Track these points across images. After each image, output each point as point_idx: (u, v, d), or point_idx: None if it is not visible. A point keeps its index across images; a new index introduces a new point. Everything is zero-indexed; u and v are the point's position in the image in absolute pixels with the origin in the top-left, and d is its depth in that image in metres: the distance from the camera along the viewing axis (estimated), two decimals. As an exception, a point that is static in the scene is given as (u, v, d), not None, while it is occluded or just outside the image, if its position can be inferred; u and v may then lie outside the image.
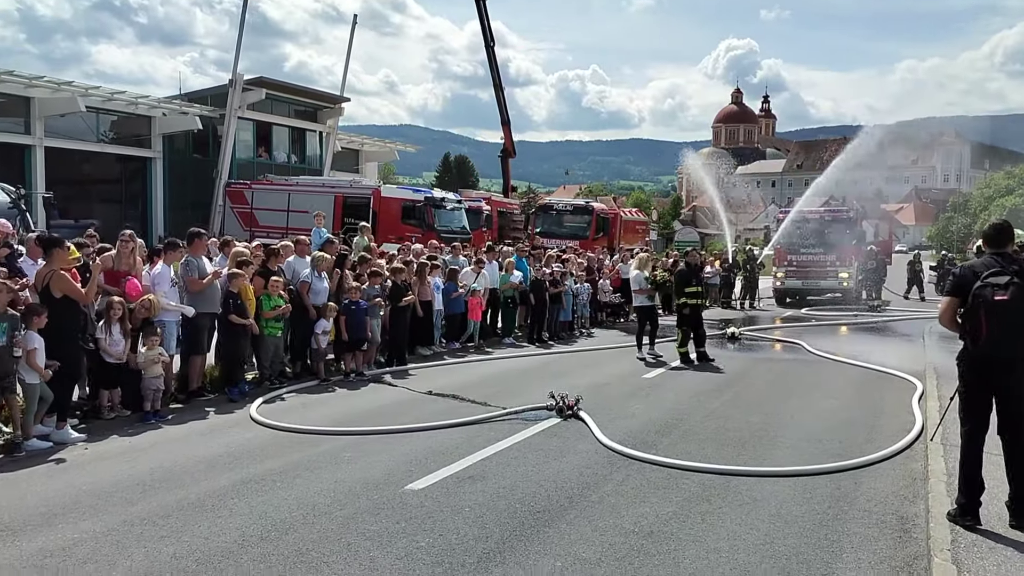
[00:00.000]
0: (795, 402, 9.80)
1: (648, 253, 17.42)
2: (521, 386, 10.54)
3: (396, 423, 8.22)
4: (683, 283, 13.46)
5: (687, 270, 13.74)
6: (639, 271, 13.72)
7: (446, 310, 13.93)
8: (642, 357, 13.26)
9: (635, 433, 7.98)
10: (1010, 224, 5.71)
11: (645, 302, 13.75)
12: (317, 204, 24.64)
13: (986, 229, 5.67)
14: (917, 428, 8.10)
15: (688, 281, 13.35)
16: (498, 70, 37.16)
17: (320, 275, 10.80)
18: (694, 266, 13.71)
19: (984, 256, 5.47)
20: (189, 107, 28.66)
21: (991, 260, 5.29)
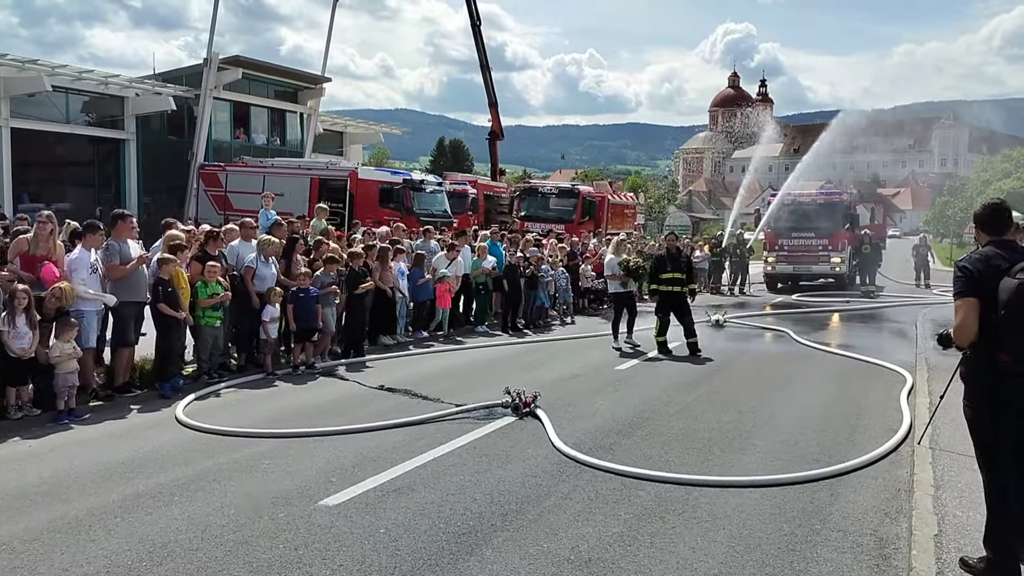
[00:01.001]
0: (774, 397, 9.08)
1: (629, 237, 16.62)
2: (484, 379, 9.81)
3: (337, 422, 7.51)
4: (659, 269, 12.75)
5: (664, 255, 13.02)
6: (613, 255, 12.97)
7: (413, 297, 13.20)
8: (618, 347, 12.53)
9: (594, 434, 7.26)
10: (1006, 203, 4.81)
11: (619, 288, 13.00)
12: (293, 187, 23.89)
13: (980, 211, 4.58)
14: (904, 428, 7.39)
15: (663, 267, 12.63)
16: (485, 50, 36.25)
17: (267, 260, 10.03)
18: (672, 251, 12.93)
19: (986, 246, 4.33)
20: (163, 87, 27.77)
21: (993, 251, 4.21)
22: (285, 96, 32.13)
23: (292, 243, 10.48)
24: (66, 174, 28.71)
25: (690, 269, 12.93)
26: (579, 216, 27.31)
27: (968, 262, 4.26)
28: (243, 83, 29.59)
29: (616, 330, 12.82)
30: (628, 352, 12.23)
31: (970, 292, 4.14)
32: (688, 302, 12.62)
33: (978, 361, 4.20)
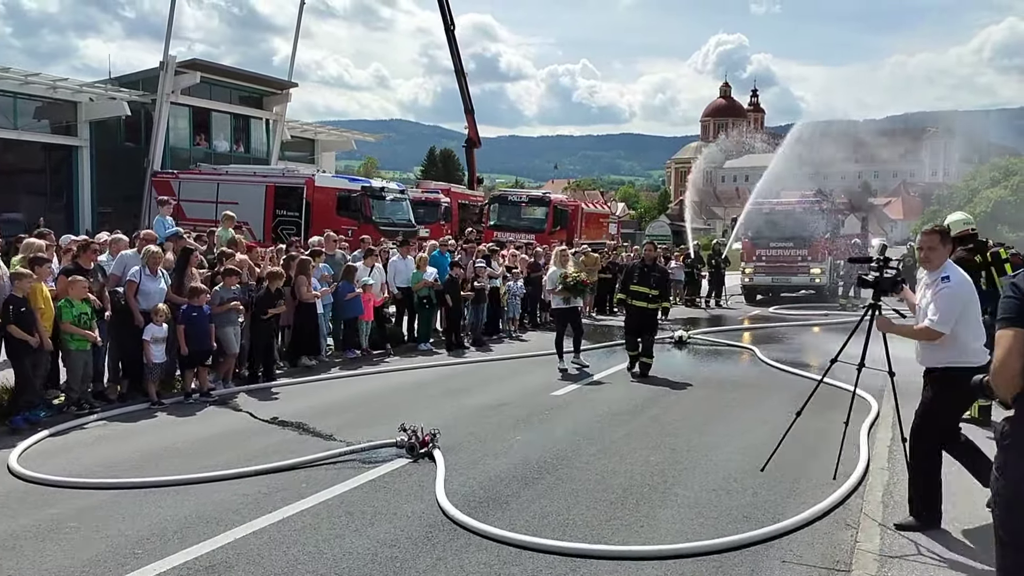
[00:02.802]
0: (719, 429, 7.98)
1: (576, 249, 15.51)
2: (398, 409, 8.69)
3: (201, 464, 6.42)
4: (628, 278, 11.66)
5: (638, 264, 11.91)
6: (556, 268, 11.87)
7: (342, 313, 12.10)
8: (563, 367, 11.43)
9: (495, 481, 6.16)
10: None
11: (561, 304, 11.88)
12: (247, 195, 22.85)
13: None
14: (857, 473, 6.30)
15: (631, 278, 11.54)
16: (459, 55, 35.33)
17: (156, 274, 8.92)
18: (647, 262, 11.71)
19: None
20: (117, 92, 26.64)
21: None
22: (249, 102, 31.02)
23: (186, 255, 9.36)
24: (17, 182, 27.52)
25: (664, 284, 11.70)
26: (550, 225, 26.30)
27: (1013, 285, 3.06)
28: (204, 88, 28.49)
29: (560, 349, 11.72)
30: (574, 373, 11.14)
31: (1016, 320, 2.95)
32: (656, 320, 11.51)
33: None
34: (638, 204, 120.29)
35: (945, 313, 4.86)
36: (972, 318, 4.98)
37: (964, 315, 4.92)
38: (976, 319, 5.02)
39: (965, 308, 4.93)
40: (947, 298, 4.88)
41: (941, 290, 4.91)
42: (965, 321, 4.92)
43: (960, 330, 4.89)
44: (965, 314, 4.93)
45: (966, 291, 4.96)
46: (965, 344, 4.91)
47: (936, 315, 4.89)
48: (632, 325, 11.33)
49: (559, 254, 12.15)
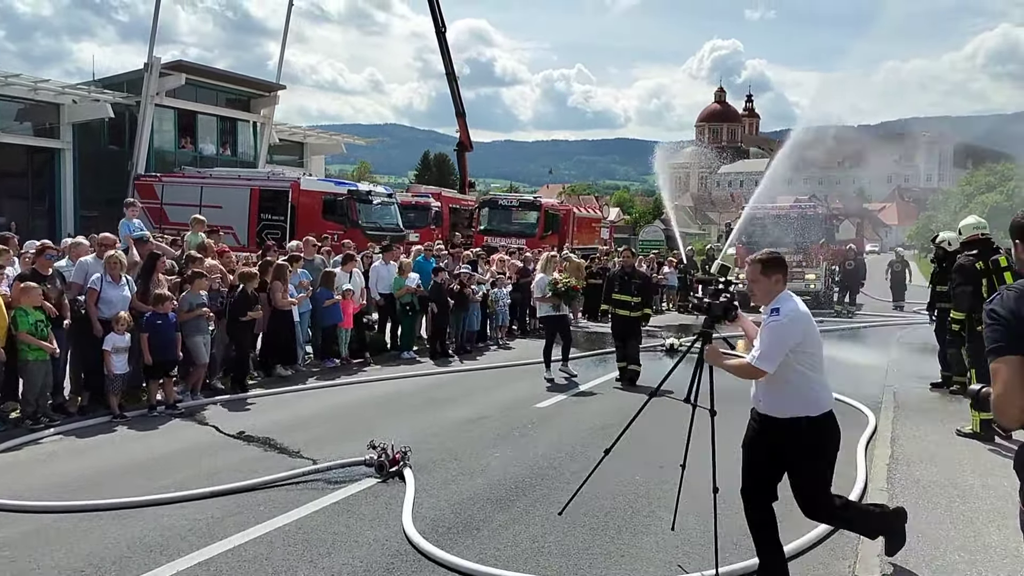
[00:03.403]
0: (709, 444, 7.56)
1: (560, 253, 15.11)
2: (373, 423, 8.30)
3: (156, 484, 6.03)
4: (610, 287, 11.39)
5: (619, 272, 11.61)
6: (543, 274, 11.49)
7: (320, 320, 11.69)
8: (550, 377, 11.04)
9: (467, 503, 5.75)
10: None
11: (550, 311, 11.51)
12: (232, 198, 22.46)
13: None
14: (854, 494, 5.90)
15: (612, 286, 11.28)
16: (450, 58, 34.97)
17: (118, 281, 8.49)
18: (627, 270, 11.48)
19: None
20: (100, 93, 26.19)
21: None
22: (236, 104, 30.58)
23: (152, 260, 8.94)
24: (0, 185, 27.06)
25: (646, 291, 11.42)
26: (541, 230, 25.90)
27: (1001, 303, 2.79)
28: (189, 90, 28.05)
29: (548, 357, 11.33)
30: (562, 383, 10.75)
31: (1011, 347, 2.67)
32: (640, 327, 11.26)
33: None
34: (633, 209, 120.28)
35: (768, 349, 4.14)
36: (813, 360, 4.25)
37: (801, 356, 4.17)
38: (820, 360, 4.31)
39: (801, 348, 4.18)
40: (773, 333, 4.17)
41: (768, 323, 4.23)
42: (803, 362, 4.18)
43: (794, 375, 4.18)
44: (802, 355, 4.18)
45: (798, 328, 4.17)
46: (805, 391, 4.22)
47: (758, 351, 4.21)
48: (617, 333, 11.13)
49: (546, 260, 11.77)
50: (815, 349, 4.27)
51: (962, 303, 7.77)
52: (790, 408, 4.24)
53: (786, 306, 4.23)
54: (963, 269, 7.84)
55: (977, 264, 7.72)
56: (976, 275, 7.69)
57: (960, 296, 7.79)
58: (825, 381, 4.31)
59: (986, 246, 7.95)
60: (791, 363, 4.15)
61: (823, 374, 4.30)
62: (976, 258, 7.78)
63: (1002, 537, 4.90)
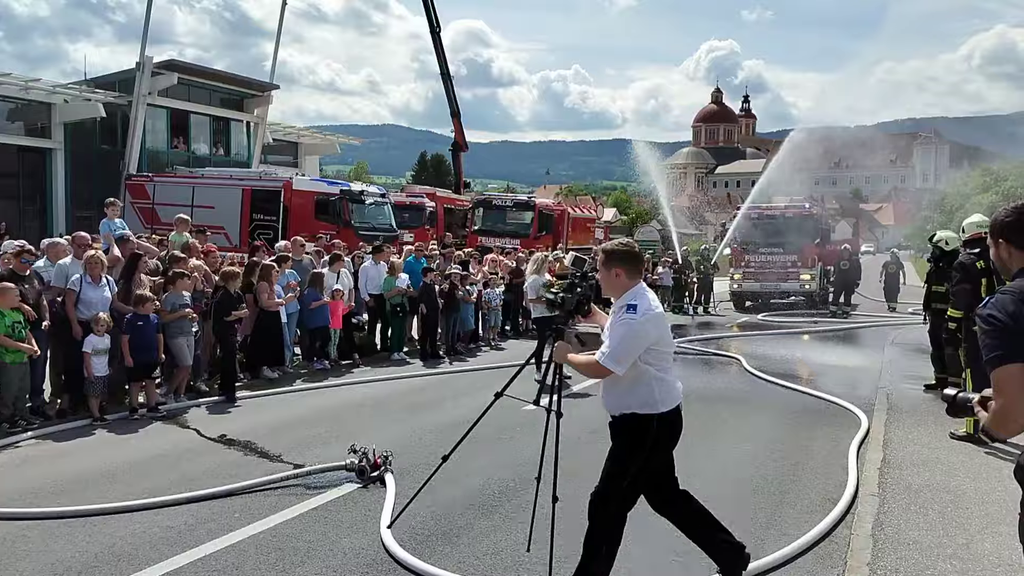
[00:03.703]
0: (697, 450, 7.41)
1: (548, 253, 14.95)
2: (358, 426, 8.18)
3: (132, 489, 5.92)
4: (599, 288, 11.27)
5: None
6: (536, 276, 11.35)
7: (308, 322, 11.55)
8: (539, 379, 10.86)
9: (448, 509, 5.62)
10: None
11: (545, 312, 11.36)
12: (223, 198, 22.29)
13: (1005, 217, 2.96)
14: (845, 499, 5.77)
15: (600, 287, 11.18)
16: (445, 58, 34.86)
17: (98, 281, 8.34)
18: None
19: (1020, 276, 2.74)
20: (92, 93, 26.02)
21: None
22: (229, 104, 30.42)
23: (133, 261, 8.79)
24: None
25: None
26: (535, 230, 25.78)
27: (998, 307, 2.60)
28: (182, 89, 27.90)
29: (539, 359, 11.17)
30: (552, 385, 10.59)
31: (1013, 355, 2.50)
32: None
33: None
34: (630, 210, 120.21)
35: (617, 348, 3.90)
36: (662, 358, 4.04)
37: (653, 355, 3.96)
38: (670, 358, 4.11)
39: (655, 347, 3.97)
40: (624, 329, 3.90)
41: (620, 320, 3.94)
42: (652, 360, 3.97)
43: (640, 372, 3.95)
44: (654, 354, 3.97)
45: (653, 328, 3.93)
46: (648, 388, 3.99)
47: (607, 348, 3.94)
48: None
49: (538, 261, 11.63)
50: (667, 348, 4.10)
51: (960, 301, 7.61)
52: (628, 404, 4.05)
53: (643, 303, 3.95)
54: (964, 267, 7.67)
55: (978, 263, 7.55)
56: (977, 274, 7.53)
57: (959, 294, 7.63)
58: (672, 379, 4.11)
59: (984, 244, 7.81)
60: (638, 361, 3.93)
61: (671, 373, 4.12)
62: (978, 256, 7.61)
63: (995, 545, 4.77)
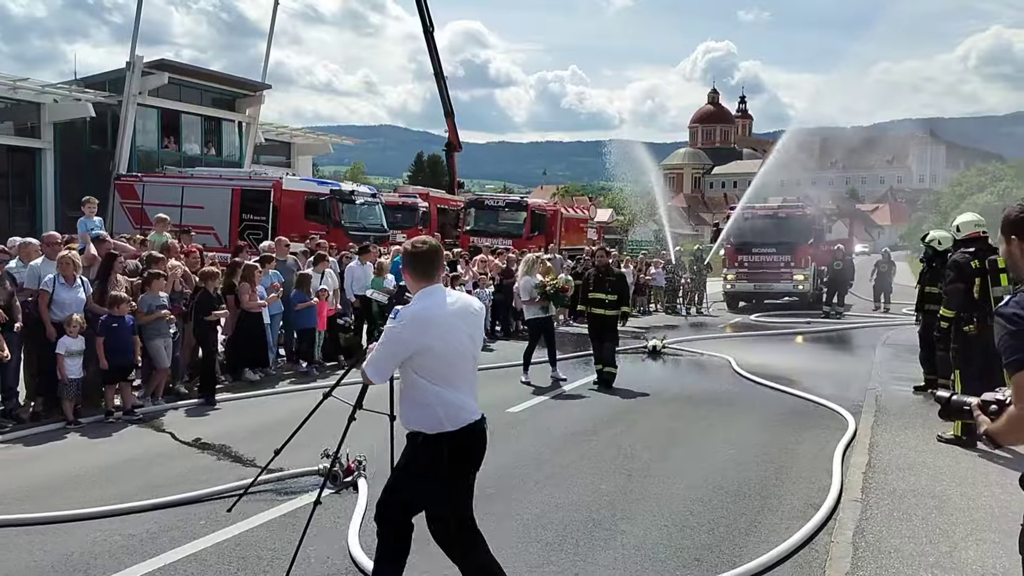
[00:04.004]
0: (681, 452, 7.32)
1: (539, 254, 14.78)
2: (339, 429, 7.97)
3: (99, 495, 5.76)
4: (584, 287, 11.17)
5: (593, 272, 11.40)
6: (528, 277, 11.22)
7: (295, 324, 11.40)
8: (527, 380, 10.77)
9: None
10: None
11: (538, 313, 11.25)
12: (213, 198, 22.14)
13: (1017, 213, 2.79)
14: (827, 504, 5.63)
15: (588, 286, 11.08)
16: (439, 58, 34.71)
17: (72, 282, 8.19)
18: (601, 268, 11.28)
19: None
20: (82, 92, 25.84)
21: None
22: (221, 104, 30.25)
23: (109, 261, 8.64)
24: (-22, 186, 26.71)
25: (621, 289, 11.22)
26: (528, 230, 25.64)
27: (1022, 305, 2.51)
28: (173, 89, 27.72)
29: (528, 361, 11.05)
30: (539, 386, 10.48)
31: None
32: (617, 327, 11.06)
33: None
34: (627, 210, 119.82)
35: (375, 355, 3.63)
36: (435, 371, 3.56)
37: (423, 366, 3.54)
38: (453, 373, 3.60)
39: (421, 356, 3.53)
40: (383, 336, 3.61)
41: (386, 328, 3.64)
42: (425, 372, 3.54)
43: (415, 386, 3.57)
44: (424, 365, 3.54)
45: (408, 335, 3.52)
46: (424, 405, 3.57)
47: (370, 355, 3.69)
48: (594, 333, 10.93)
49: (529, 262, 11.48)
50: (441, 361, 3.55)
51: (953, 300, 7.40)
52: (411, 420, 3.64)
53: (413, 308, 3.57)
54: (958, 266, 7.47)
55: (973, 262, 7.37)
56: (971, 273, 7.34)
57: (951, 293, 7.42)
58: (459, 397, 3.60)
59: (984, 244, 7.62)
60: (411, 372, 3.56)
61: (455, 389, 3.59)
62: (973, 256, 7.44)
63: (979, 553, 4.64)
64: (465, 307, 3.71)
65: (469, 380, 3.69)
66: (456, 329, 3.59)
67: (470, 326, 3.68)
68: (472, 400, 3.68)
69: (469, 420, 3.62)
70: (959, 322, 7.35)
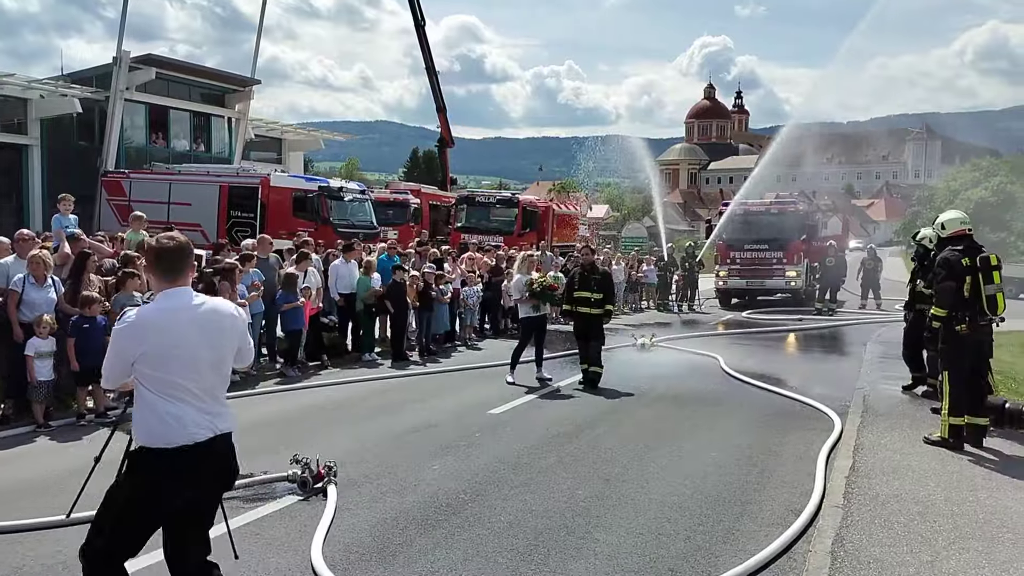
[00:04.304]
0: (662, 454, 7.17)
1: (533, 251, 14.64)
2: (315, 432, 7.88)
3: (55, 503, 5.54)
4: (570, 286, 10.98)
5: (577, 271, 11.22)
6: (520, 275, 11.05)
7: (283, 325, 11.24)
8: (512, 380, 10.62)
9: (391, 524, 5.32)
10: None
11: (530, 312, 11.07)
12: (200, 195, 21.98)
13: None
14: (808, 511, 5.48)
15: (573, 285, 10.89)
16: (430, 52, 34.50)
17: (43, 283, 8.00)
18: (586, 267, 11.09)
19: None
20: (68, 88, 25.57)
21: None
22: (210, 99, 29.98)
23: (82, 260, 8.45)
24: (-34, 183, 26.43)
25: (607, 287, 11.05)
26: (519, 227, 25.46)
27: None
28: (161, 84, 27.48)
29: (516, 360, 10.88)
30: (528, 386, 10.32)
31: None
32: (603, 326, 10.90)
33: None
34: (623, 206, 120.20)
35: (106, 360, 3.36)
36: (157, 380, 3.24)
37: (144, 372, 3.24)
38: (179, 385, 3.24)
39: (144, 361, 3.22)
40: (111, 339, 3.38)
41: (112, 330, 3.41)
42: (147, 380, 3.25)
43: (140, 394, 3.29)
44: (145, 372, 3.24)
45: (125, 340, 3.25)
46: (146, 416, 3.26)
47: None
48: (579, 332, 10.75)
49: (525, 260, 11.29)
50: (163, 370, 3.23)
51: (945, 299, 7.17)
52: (136, 431, 3.33)
53: (137, 311, 3.33)
54: (948, 263, 7.25)
55: (964, 260, 7.18)
56: (962, 271, 7.15)
57: (943, 291, 7.18)
58: (182, 411, 3.25)
59: (971, 242, 7.44)
60: (137, 381, 3.29)
61: (182, 403, 3.25)
62: (962, 253, 7.24)
63: (962, 562, 4.50)
64: (211, 314, 3.35)
65: (200, 394, 3.29)
66: (186, 337, 3.24)
67: (210, 335, 3.32)
68: (205, 416, 3.29)
69: (192, 439, 3.24)
70: (950, 321, 7.17)
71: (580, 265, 11.44)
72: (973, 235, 7.51)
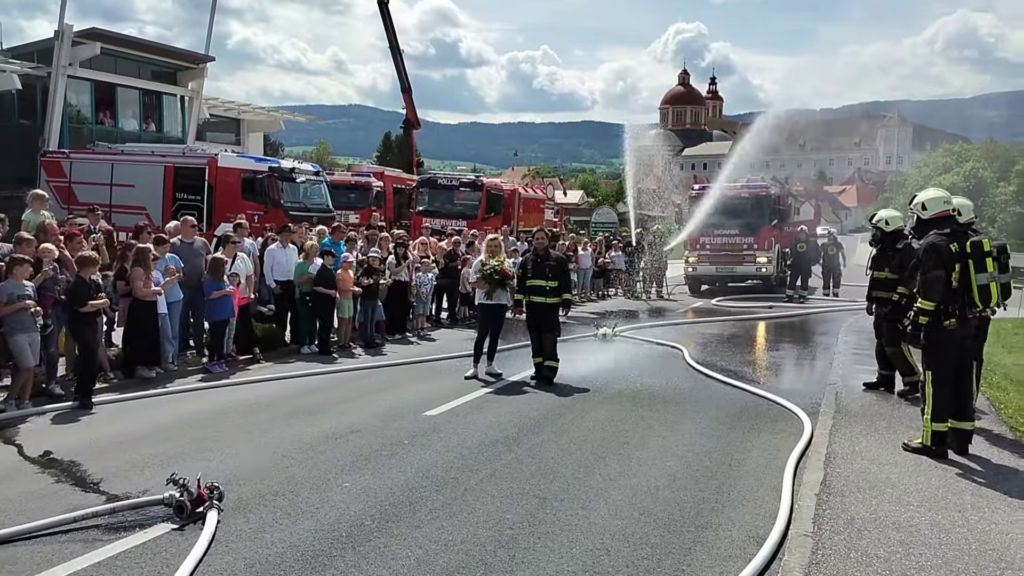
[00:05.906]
0: (612, 464, 6.33)
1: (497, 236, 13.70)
2: (220, 439, 6.96)
3: None
4: (523, 274, 10.08)
5: (531, 256, 10.30)
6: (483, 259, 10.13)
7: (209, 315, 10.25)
8: (473, 375, 9.75)
9: (275, 560, 4.42)
10: None
11: (484, 300, 10.14)
12: (144, 176, 20.74)
13: None
14: (773, 538, 4.66)
15: (526, 272, 10.00)
16: (394, 32, 33.30)
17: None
18: (540, 252, 10.16)
19: None
20: (7, 63, 24.10)
21: None
22: (161, 77, 28.56)
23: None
24: None
25: (562, 274, 10.17)
26: (483, 211, 24.53)
27: None
28: (108, 60, 26.05)
29: (479, 351, 9.97)
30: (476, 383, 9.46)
31: None
32: (558, 316, 10.03)
33: None
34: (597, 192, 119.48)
35: None
36: None
37: None
38: None
39: None
40: None
41: None
42: None
43: None
44: None
45: None
46: None
47: None
48: (532, 323, 9.84)
49: (489, 243, 10.29)
50: None
51: (933, 291, 6.26)
52: None
53: None
54: (936, 249, 6.27)
55: (952, 245, 6.28)
56: (951, 258, 6.25)
57: (932, 282, 6.26)
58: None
59: (956, 225, 6.56)
60: None
61: None
62: (950, 238, 6.34)
63: (953, 611, 3.70)
64: None
65: None
66: None
67: None
68: None
69: None
70: (938, 315, 6.32)
71: (533, 250, 10.51)
72: (959, 217, 6.67)
